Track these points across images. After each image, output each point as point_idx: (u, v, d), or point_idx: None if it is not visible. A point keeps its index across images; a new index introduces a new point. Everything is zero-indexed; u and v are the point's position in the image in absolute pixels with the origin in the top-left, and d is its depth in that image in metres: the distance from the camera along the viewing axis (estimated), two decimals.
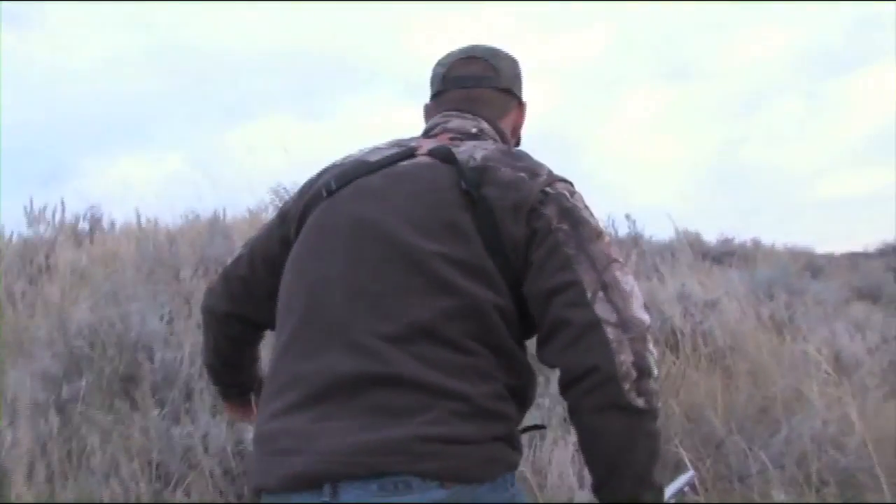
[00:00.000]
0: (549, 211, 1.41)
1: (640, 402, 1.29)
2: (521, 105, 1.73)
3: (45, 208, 6.56)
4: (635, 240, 7.62)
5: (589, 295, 1.32)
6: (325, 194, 1.53)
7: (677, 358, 4.00)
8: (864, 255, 15.65)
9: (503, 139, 1.64)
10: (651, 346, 1.33)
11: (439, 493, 1.26)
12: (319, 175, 1.59)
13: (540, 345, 1.38)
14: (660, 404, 1.34)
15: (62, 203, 6.75)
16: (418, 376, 1.31)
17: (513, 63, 1.72)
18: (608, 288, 1.33)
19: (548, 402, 3.46)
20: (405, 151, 1.54)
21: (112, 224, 7.38)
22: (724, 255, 12.00)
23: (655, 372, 1.31)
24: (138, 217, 6.92)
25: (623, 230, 8.43)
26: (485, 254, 1.39)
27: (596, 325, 1.29)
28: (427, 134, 1.64)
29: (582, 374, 1.29)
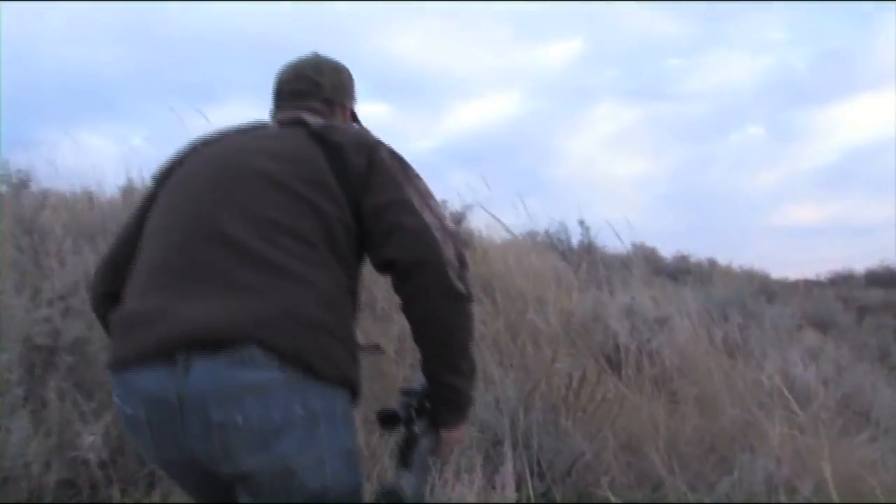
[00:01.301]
0: (383, 152, 1.68)
1: (461, 288, 1.55)
2: (344, 108, 1.98)
3: None
4: (588, 248, 7.20)
5: (417, 207, 1.59)
6: (190, 153, 1.76)
7: (619, 379, 3.58)
8: (817, 284, 15.55)
9: None
10: (464, 248, 1.62)
11: (276, 375, 1.40)
12: (177, 153, 1.79)
13: (376, 248, 1.59)
14: (472, 292, 1.60)
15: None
16: (275, 259, 1.48)
17: (336, 73, 1.98)
18: (430, 208, 1.62)
19: None
20: (258, 124, 1.84)
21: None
22: (679, 273, 11.76)
23: (469, 266, 1.62)
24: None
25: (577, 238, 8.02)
26: (332, 177, 1.61)
27: (426, 226, 1.55)
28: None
29: (416, 263, 1.53)
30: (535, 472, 2.49)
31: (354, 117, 2.04)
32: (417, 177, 1.70)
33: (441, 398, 1.66)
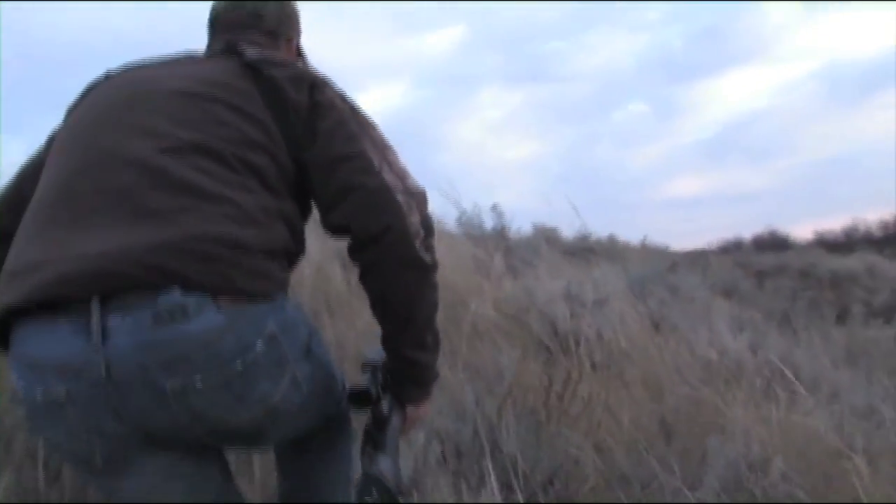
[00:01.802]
0: (329, 92, 1.47)
1: (427, 258, 1.39)
2: (290, 42, 1.76)
3: None
4: (502, 233, 6.97)
5: (376, 164, 1.39)
6: (104, 79, 1.54)
7: (572, 367, 3.34)
8: (710, 253, 15.93)
9: None
10: (430, 209, 1.44)
11: (217, 319, 1.21)
12: (87, 86, 1.56)
13: (327, 210, 1.41)
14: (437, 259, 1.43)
15: None
16: (189, 179, 1.28)
17: (279, 4, 1.74)
18: (390, 164, 1.42)
19: None
20: (185, 54, 1.60)
21: None
22: (582, 251, 11.76)
23: (435, 230, 1.44)
24: None
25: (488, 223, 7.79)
26: (266, 112, 1.41)
27: (387, 189, 1.37)
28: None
29: (378, 234, 1.35)
30: (515, 485, 2.22)
31: (300, 53, 1.81)
32: (372, 125, 1.49)
33: (406, 375, 1.53)
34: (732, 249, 16.26)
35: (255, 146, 1.38)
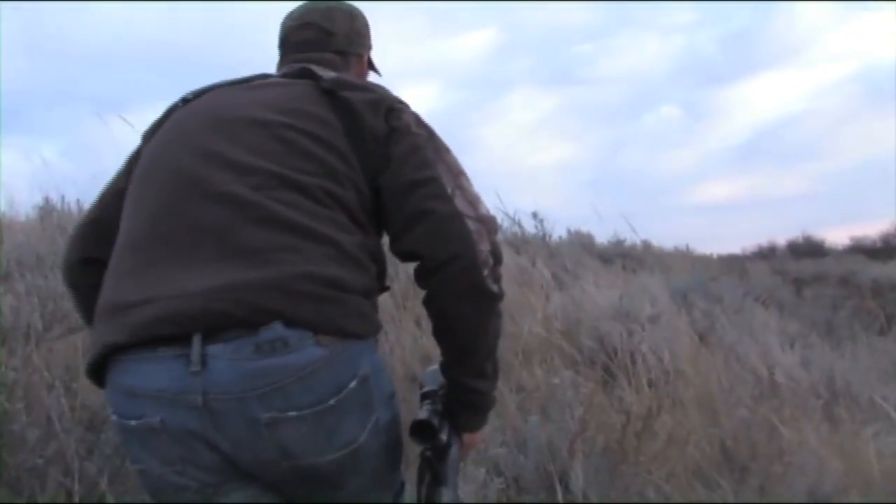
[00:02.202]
0: (407, 117, 1.45)
1: (495, 288, 1.37)
2: (360, 58, 1.73)
3: None
4: (544, 240, 6.81)
5: (449, 190, 1.37)
6: (181, 104, 1.52)
7: (629, 387, 3.19)
8: (745, 258, 15.60)
9: None
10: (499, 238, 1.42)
11: (317, 352, 1.22)
12: (165, 111, 1.55)
13: (398, 235, 1.39)
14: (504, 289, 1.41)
15: None
16: (286, 216, 1.27)
17: (349, 20, 1.70)
18: (463, 190, 1.40)
19: None
20: (260, 75, 1.58)
21: None
22: (615, 257, 11.56)
23: (503, 260, 1.42)
24: None
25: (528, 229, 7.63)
26: (345, 140, 1.39)
27: (458, 216, 1.35)
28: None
29: (446, 261, 1.33)
30: None
31: (372, 66, 1.79)
32: (447, 149, 1.47)
33: (464, 402, 1.50)
34: (767, 255, 15.85)
35: (339, 177, 1.37)
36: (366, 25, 1.75)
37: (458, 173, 1.43)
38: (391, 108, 1.45)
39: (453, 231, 1.34)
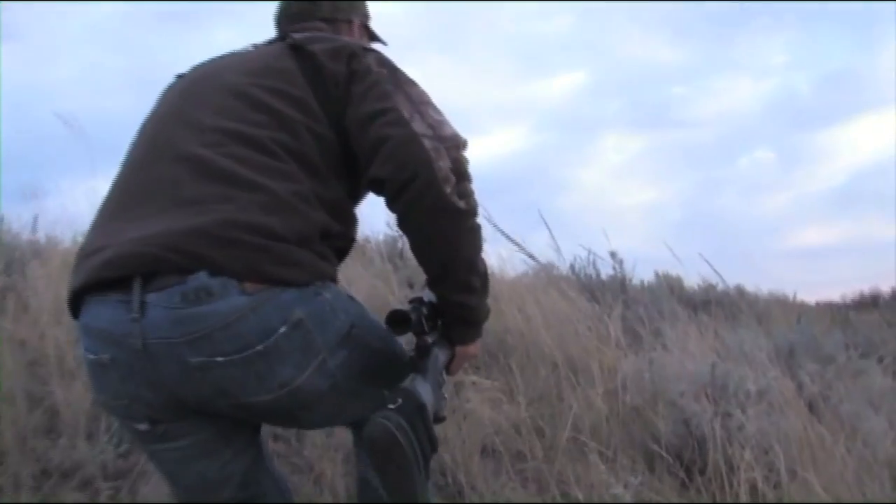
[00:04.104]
0: (369, 59, 1.48)
1: (461, 204, 1.37)
2: (350, 24, 1.75)
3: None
4: (622, 284, 5.72)
5: (406, 115, 1.38)
6: (176, 80, 1.63)
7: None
8: (844, 306, 14.01)
9: None
10: (465, 154, 1.43)
11: (241, 300, 1.24)
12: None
13: (364, 168, 1.40)
14: (478, 203, 1.41)
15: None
16: (229, 169, 1.32)
17: None
18: (423, 115, 1.40)
19: None
20: (245, 47, 1.64)
21: None
22: (707, 303, 10.35)
23: (471, 176, 1.42)
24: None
25: (605, 271, 6.54)
26: (306, 87, 1.44)
27: (414, 137, 1.36)
28: None
29: (405, 182, 1.34)
30: None
31: (370, 33, 1.81)
32: (410, 82, 1.48)
33: (454, 316, 1.51)
34: (870, 303, 14.25)
35: (294, 127, 1.40)
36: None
37: (420, 102, 1.42)
38: (353, 54, 1.47)
39: (409, 152, 1.34)
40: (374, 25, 1.79)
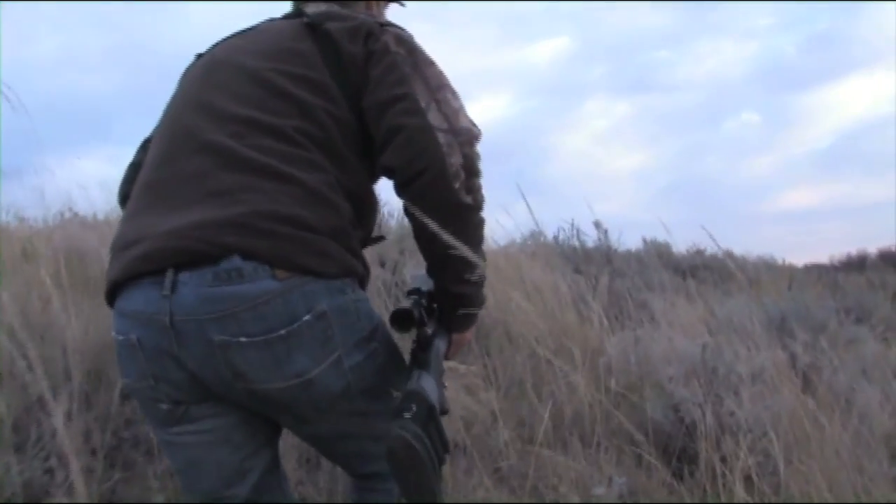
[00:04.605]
0: (387, 38, 1.43)
1: (468, 200, 1.37)
2: (369, 1, 1.69)
3: None
4: (606, 253, 5.50)
5: (423, 104, 1.36)
6: (195, 60, 1.60)
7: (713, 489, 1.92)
8: (832, 268, 13.84)
9: None
10: (477, 149, 1.40)
11: (271, 284, 1.25)
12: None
13: (378, 154, 1.38)
14: (485, 198, 1.41)
15: None
16: (256, 160, 1.31)
17: None
18: (440, 103, 1.37)
19: None
20: (262, 22, 1.60)
21: None
22: (695, 269, 10.15)
23: (482, 172, 1.41)
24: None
25: (591, 240, 6.32)
26: (325, 70, 1.41)
27: (429, 129, 1.34)
28: None
29: (415, 174, 1.33)
30: None
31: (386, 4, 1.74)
32: (429, 63, 1.44)
33: (451, 305, 1.51)
34: (858, 265, 14.10)
35: (315, 114, 1.38)
36: None
37: (437, 87, 1.40)
38: (370, 33, 1.43)
39: (421, 145, 1.33)
40: None
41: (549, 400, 2.47)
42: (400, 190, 1.39)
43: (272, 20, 1.60)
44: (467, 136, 1.39)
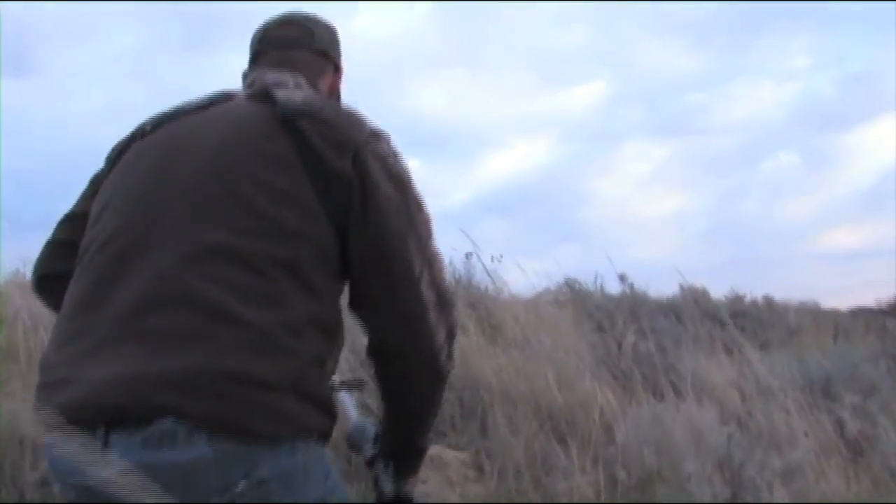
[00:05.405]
0: (376, 165, 1.28)
1: (449, 367, 1.32)
2: (337, 70, 1.59)
3: None
4: (633, 309, 5.08)
5: (416, 272, 1.27)
6: (139, 137, 1.39)
7: None
8: (879, 312, 13.16)
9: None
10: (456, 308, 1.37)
11: (204, 451, 1.10)
12: (130, 133, 1.44)
13: (360, 302, 1.30)
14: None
15: None
16: (209, 296, 1.16)
17: (330, 30, 1.58)
18: (430, 264, 1.29)
19: None
20: (220, 96, 1.42)
21: None
22: (734, 316, 9.65)
23: (457, 328, 1.35)
24: None
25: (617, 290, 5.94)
26: (307, 184, 1.24)
27: (424, 311, 1.26)
28: (245, 89, 1.46)
29: (405, 353, 1.29)
30: None
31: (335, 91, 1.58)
32: (418, 207, 1.31)
33: (406, 456, 1.46)
34: None
35: (290, 236, 1.21)
36: (340, 44, 1.59)
37: (427, 241, 1.30)
38: (358, 150, 1.26)
39: (414, 326, 1.27)
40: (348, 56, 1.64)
41: (551, 490, 2.07)
42: (383, 363, 1.33)
43: (228, 96, 1.42)
44: (450, 302, 1.33)
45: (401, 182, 1.32)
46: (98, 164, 1.47)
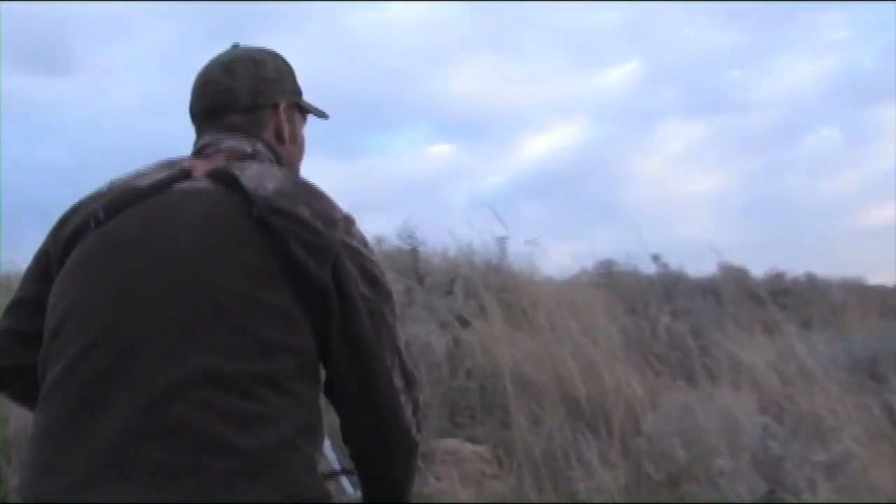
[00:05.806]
0: (353, 268, 1.26)
1: (418, 438, 1.34)
2: (276, 109, 1.44)
3: None
4: (667, 289, 4.88)
5: (389, 364, 1.29)
6: (93, 225, 1.27)
7: None
8: None
9: (277, 157, 1.42)
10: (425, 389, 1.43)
11: None
12: (75, 209, 1.31)
13: (335, 393, 1.28)
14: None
15: None
16: (196, 427, 1.09)
17: (252, 67, 1.42)
18: (399, 352, 1.31)
19: None
20: (178, 174, 1.30)
21: None
22: (775, 295, 9.35)
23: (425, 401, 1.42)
24: None
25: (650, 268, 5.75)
26: (288, 295, 1.19)
27: (394, 400, 1.28)
28: (199, 154, 1.38)
29: (380, 435, 1.31)
30: None
31: (306, 110, 1.50)
32: (388, 297, 1.30)
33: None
34: None
35: (274, 349, 1.15)
36: (278, 69, 1.44)
37: (395, 333, 1.30)
38: (337, 257, 1.22)
39: (389, 411, 1.28)
40: (310, 98, 1.54)
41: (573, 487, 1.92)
42: (355, 440, 1.32)
43: (185, 172, 1.31)
44: (418, 382, 1.34)
45: (373, 278, 1.31)
46: (131, 160, 1.38)
